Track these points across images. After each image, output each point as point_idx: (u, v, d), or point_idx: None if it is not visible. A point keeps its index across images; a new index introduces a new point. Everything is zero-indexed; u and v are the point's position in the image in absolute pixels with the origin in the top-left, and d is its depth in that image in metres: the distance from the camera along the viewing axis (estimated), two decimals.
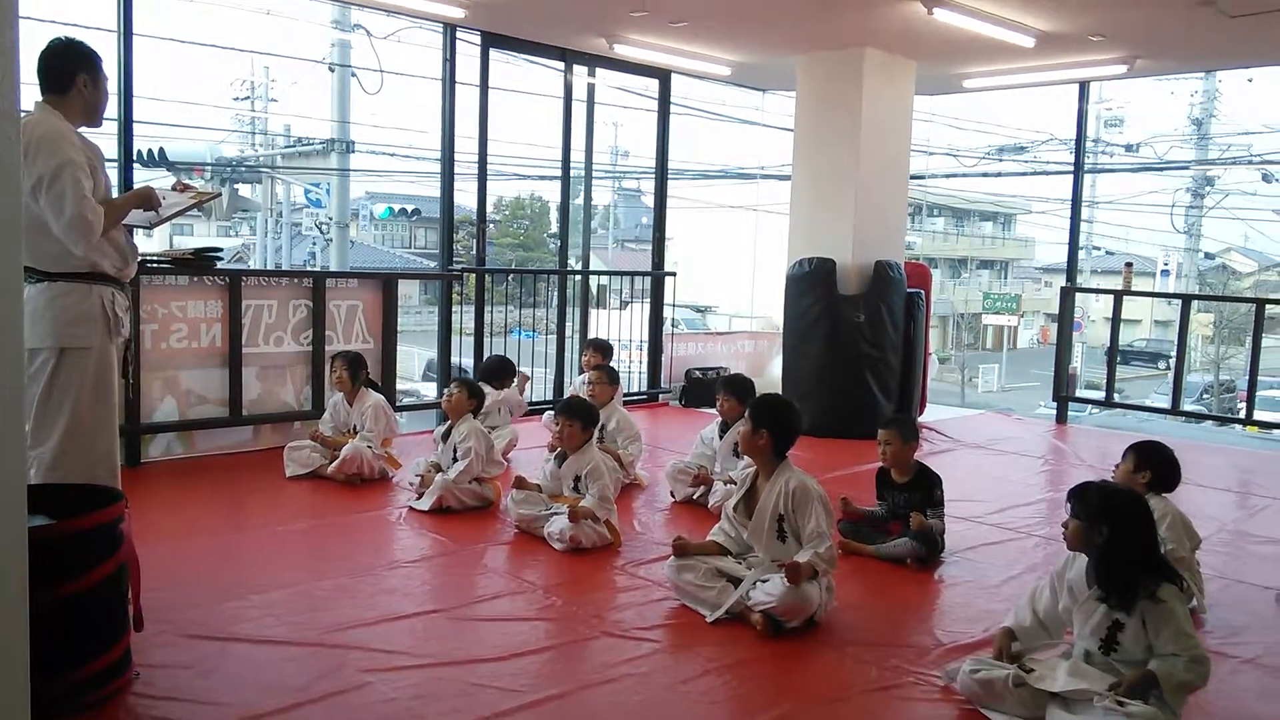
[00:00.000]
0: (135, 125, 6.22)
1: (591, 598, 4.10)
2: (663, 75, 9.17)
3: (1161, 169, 23.61)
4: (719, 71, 8.93)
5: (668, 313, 9.67)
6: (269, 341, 6.57)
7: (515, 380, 7.03)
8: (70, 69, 3.58)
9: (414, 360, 18.00)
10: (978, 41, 7.38)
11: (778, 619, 3.68)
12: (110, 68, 3.77)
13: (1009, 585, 4.41)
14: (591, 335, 8.84)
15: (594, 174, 9.24)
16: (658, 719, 3.05)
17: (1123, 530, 2.99)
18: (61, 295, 3.53)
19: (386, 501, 5.45)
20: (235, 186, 18.36)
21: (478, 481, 5.36)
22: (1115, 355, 9.48)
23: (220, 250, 6.77)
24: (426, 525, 5.01)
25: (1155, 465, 4.16)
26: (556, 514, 4.77)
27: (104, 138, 3.77)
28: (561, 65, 8.34)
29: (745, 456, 4.46)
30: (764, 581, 3.76)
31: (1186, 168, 25.65)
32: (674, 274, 9.64)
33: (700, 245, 24.99)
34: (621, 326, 9.26)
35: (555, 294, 8.76)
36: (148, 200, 3.82)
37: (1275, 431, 9.86)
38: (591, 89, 8.73)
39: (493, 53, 7.82)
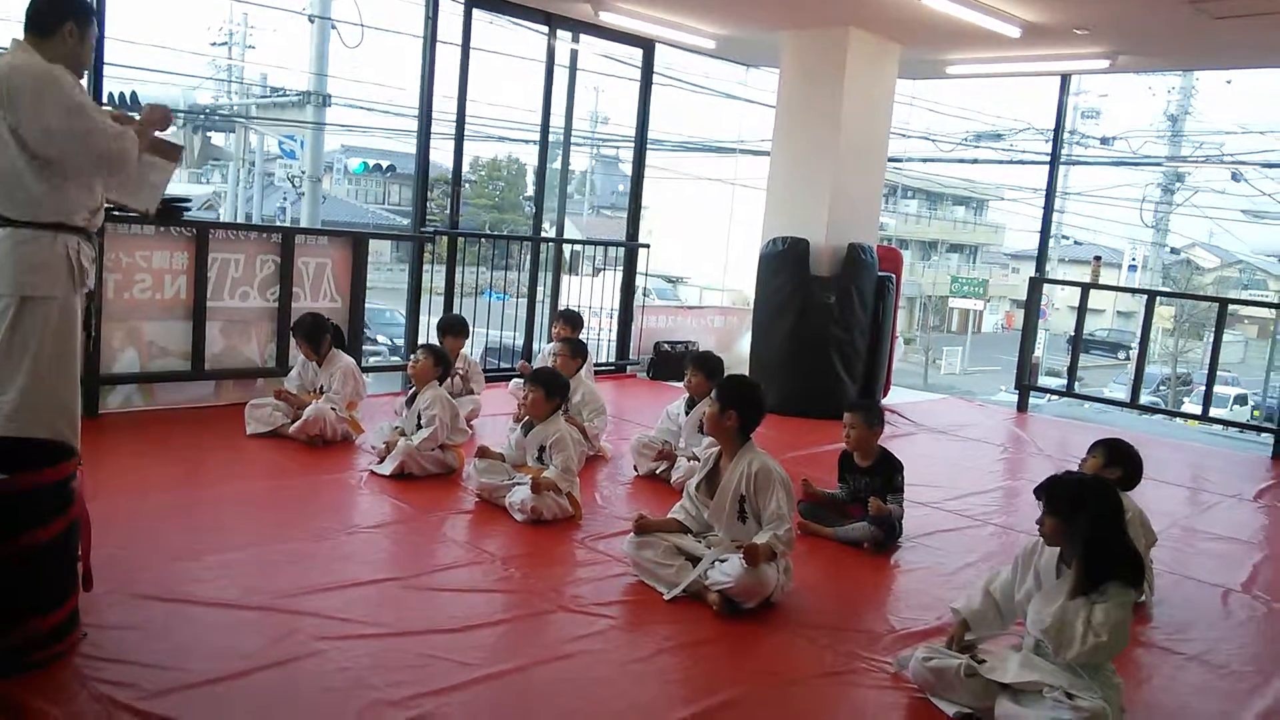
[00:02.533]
0: (106, 68, 6.08)
1: (550, 571, 4.10)
2: (647, 45, 9.08)
3: (1136, 164, 23.80)
4: (704, 44, 8.85)
5: (639, 283, 9.65)
6: (234, 296, 6.48)
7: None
8: (58, 16, 3.49)
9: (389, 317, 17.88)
10: (963, 28, 7.36)
11: (734, 599, 3.70)
12: None
13: (964, 573, 4.45)
14: (563, 301, 8.81)
15: (572, 140, 9.17)
16: (610, 697, 3.05)
17: (1103, 520, 3.00)
18: (23, 243, 3.44)
19: (348, 464, 5.41)
20: (208, 134, 18.05)
21: (441, 448, 5.33)
22: (1079, 348, 9.57)
23: (189, 200, 6.66)
24: (387, 490, 4.98)
25: (1125, 463, 4.25)
26: (519, 484, 4.75)
27: None
28: (545, 29, 8.24)
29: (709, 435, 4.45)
30: (722, 561, 3.77)
31: (1160, 164, 25.89)
32: (648, 246, 9.60)
33: (675, 216, 24.97)
34: (593, 294, 9.23)
35: (528, 258, 8.70)
36: (165, 120, 3.84)
37: (1216, 426, 10.00)
38: (574, 55, 8.63)
39: (476, 13, 7.71)
